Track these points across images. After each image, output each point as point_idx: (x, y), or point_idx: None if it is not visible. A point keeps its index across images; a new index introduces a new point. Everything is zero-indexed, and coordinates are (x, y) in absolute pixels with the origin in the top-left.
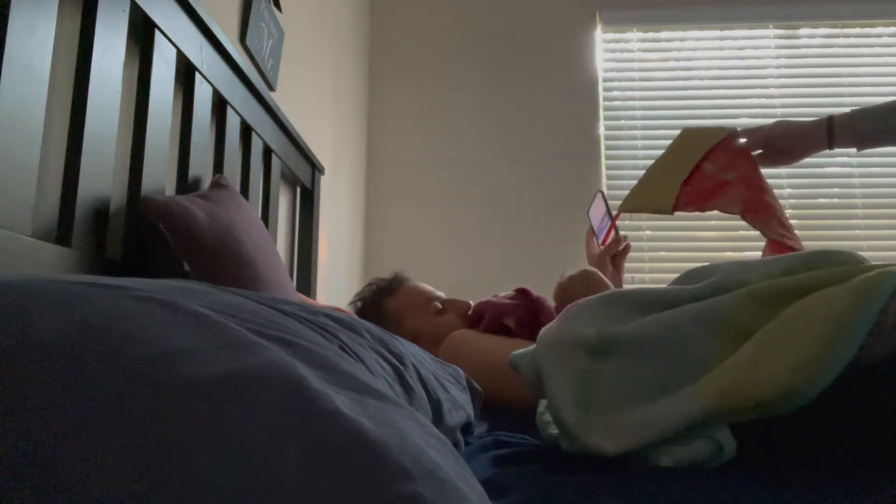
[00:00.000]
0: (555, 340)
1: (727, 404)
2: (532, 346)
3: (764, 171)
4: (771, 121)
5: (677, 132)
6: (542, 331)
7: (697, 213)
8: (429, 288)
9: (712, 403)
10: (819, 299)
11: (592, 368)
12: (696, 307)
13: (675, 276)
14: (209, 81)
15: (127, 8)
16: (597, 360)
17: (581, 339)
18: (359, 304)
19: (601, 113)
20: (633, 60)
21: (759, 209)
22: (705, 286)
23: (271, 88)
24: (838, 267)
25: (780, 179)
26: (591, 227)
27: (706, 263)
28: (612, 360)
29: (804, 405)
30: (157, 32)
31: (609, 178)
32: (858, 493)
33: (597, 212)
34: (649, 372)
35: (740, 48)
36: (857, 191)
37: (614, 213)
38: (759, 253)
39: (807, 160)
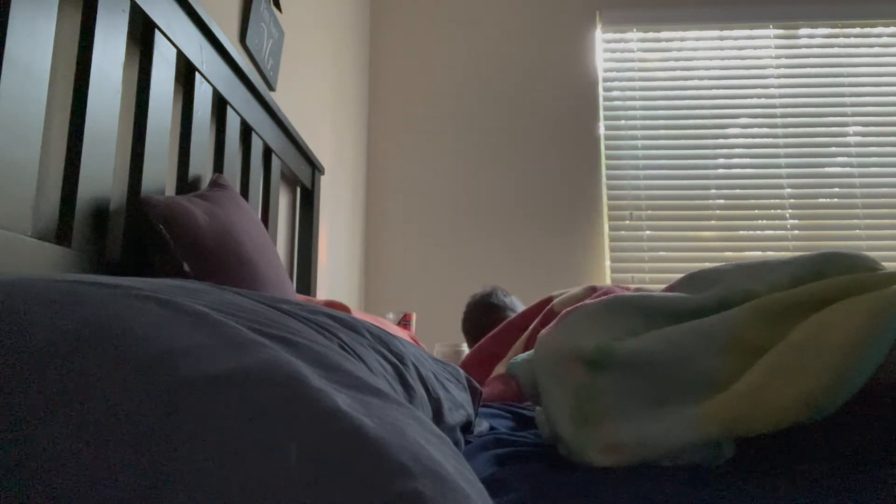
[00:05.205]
0: (552, 352)
1: (729, 434)
2: (530, 353)
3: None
4: (769, 121)
5: (677, 132)
6: (540, 338)
7: (698, 214)
8: None
9: (713, 433)
10: (832, 320)
11: (590, 383)
12: (700, 324)
13: (674, 276)
14: (209, 81)
15: (127, 8)
16: (594, 374)
17: (579, 352)
18: None
19: (601, 113)
20: (632, 60)
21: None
22: (710, 298)
23: (271, 88)
24: (848, 275)
25: (780, 179)
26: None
27: (708, 265)
28: (610, 374)
29: None
30: (157, 32)
31: (609, 178)
32: (859, 493)
33: None
34: (649, 387)
35: (740, 48)
36: (857, 191)
37: None
38: (759, 253)
39: (806, 160)
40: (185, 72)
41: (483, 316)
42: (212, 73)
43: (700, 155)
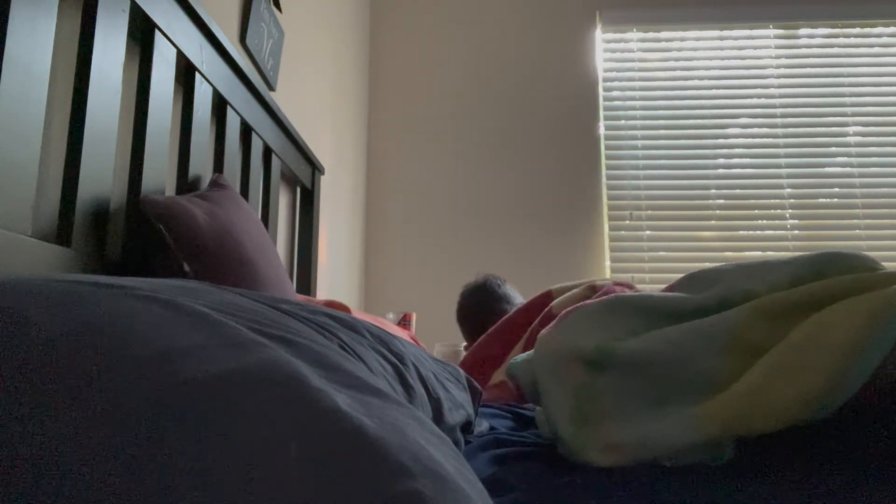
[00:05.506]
0: (552, 352)
1: (729, 433)
2: (530, 353)
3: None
4: (769, 121)
5: (677, 132)
6: (540, 338)
7: (698, 214)
8: None
9: (713, 432)
10: (832, 320)
11: (590, 383)
12: (700, 324)
13: (674, 276)
14: (209, 81)
15: (127, 8)
16: (595, 375)
17: (579, 353)
18: None
19: (601, 113)
20: (632, 60)
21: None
22: (710, 298)
23: (271, 88)
24: (848, 275)
25: (780, 179)
26: None
27: (708, 265)
28: (610, 374)
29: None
30: (157, 32)
31: (609, 177)
32: (860, 493)
33: None
34: (649, 387)
35: (740, 48)
36: (857, 191)
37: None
38: (759, 253)
39: (806, 160)
40: (185, 72)
41: (479, 307)
42: (212, 73)
43: (700, 155)
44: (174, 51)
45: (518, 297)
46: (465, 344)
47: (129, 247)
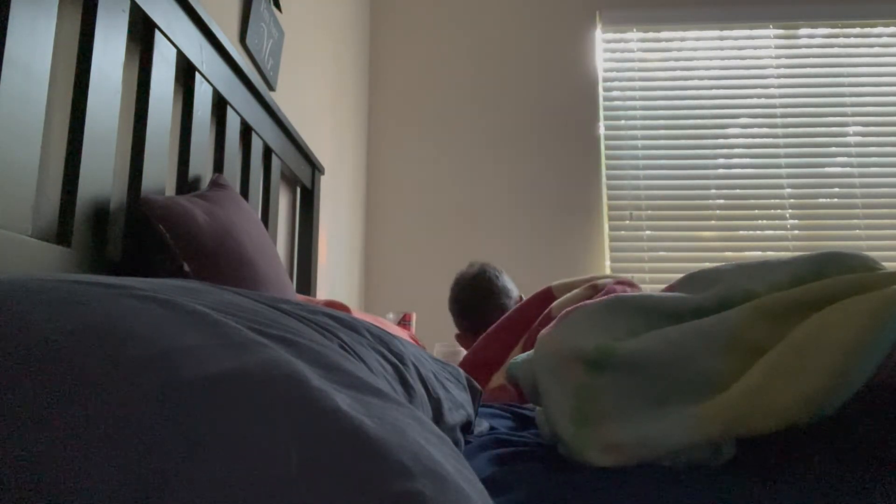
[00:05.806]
0: (552, 352)
1: (729, 433)
2: (530, 353)
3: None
4: (769, 121)
5: (677, 132)
6: (540, 338)
7: (698, 214)
8: None
9: (713, 433)
10: (832, 320)
11: (590, 383)
12: (700, 324)
13: (674, 276)
14: (209, 81)
15: (127, 8)
16: (594, 375)
17: (579, 353)
18: None
19: (601, 113)
20: (632, 60)
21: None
22: (710, 297)
23: (271, 88)
24: (849, 275)
25: (780, 179)
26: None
27: (708, 265)
28: (610, 374)
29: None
30: (157, 32)
31: (609, 177)
32: (859, 493)
33: None
34: (648, 388)
35: (740, 48)
36: (857, 191)
37: None
38: (759, 253)
39: (806, 160)
40: (185, 72)
41: (479, 300)
42: (212, 73)
43: (700, 155)
44: (174, 51)
45: (515, 290)
46: (456, 332)
47: (129, 247)
